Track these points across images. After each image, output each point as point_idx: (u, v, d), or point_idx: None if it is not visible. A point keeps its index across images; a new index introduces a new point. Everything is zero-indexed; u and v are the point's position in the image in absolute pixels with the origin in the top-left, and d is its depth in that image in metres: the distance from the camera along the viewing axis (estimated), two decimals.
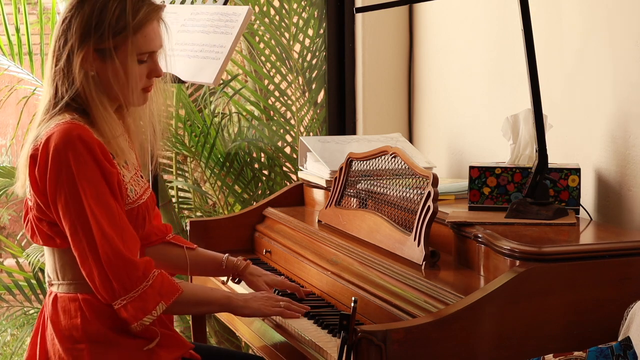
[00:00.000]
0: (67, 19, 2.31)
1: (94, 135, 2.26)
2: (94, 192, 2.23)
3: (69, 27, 2.30)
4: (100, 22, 2.28)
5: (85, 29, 2.29)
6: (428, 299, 2.25)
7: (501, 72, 3.21)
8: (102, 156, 2.25)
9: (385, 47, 3.93)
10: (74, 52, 2.29)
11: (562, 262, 2.17)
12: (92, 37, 2.28)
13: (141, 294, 2.23)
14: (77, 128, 2.24)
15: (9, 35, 4.54)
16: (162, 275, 2.28)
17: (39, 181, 2.26)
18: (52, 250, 2.35)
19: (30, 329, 4.35)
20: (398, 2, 2.72)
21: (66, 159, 2.22)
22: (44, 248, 2.40)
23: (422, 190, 2.52)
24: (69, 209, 2.23)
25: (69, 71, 2.30)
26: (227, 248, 3.28)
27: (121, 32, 2.29)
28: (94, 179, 2.23)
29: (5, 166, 4.49)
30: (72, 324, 2.30)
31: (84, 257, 2.24)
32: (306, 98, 4.27)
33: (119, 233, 2.24)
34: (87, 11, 2.29)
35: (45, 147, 2.24)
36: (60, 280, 2.35)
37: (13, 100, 4.90)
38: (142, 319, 2.24)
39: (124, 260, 2.22)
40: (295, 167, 4.20)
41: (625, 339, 2.00)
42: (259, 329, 2.66)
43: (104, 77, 2.31)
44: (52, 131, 2.25)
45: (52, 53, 2.33)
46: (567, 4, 2.84)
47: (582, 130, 2.78)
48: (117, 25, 2.29)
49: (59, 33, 2.31)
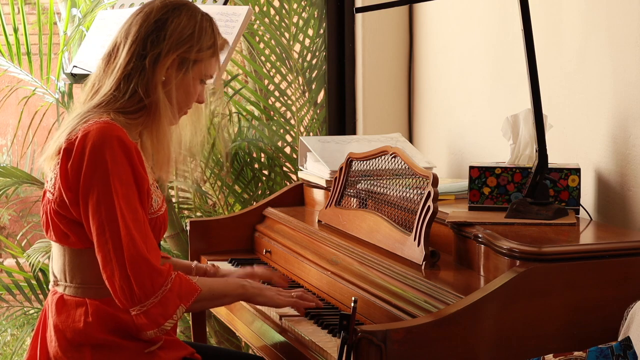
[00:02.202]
0: (161, 20, 2.31)
1: (129, 138, 2.25)
2: (126, 195, 2.22)
3: (163, 28, 2.31)
4: (194, 33, 2.32)
5: (181, 36, 2.31)
6: (428, 299, 2.25)
7: (501, 72, 3.21)
8: (137, 160, 2.25)
9: (385, 47, 3.93)
10: (162, 53, 2.30)
11: (562, 262, 2.17)
12: (183, 45, 2.31)
13: (161, 299, 2.20)
14: (115, 129, 2.24)
15: (7, 36, 4.54)
16: (180, 277, 2.26)
17: (71, 176, 2.24)
18: (64, 250, 2.33)
19: (31, 329, 4.35)
20: (398, 2, 2.72)
21: (103, 157, 2.21)
22: (52, 246, 2.37)
23: (422, 190, 2.52)
24: (100, 209, 2.21)
25: (149, 70, 2.29)
26: (227, 248, 3.28)
27: (207, 49, 2.34)
28: (127, 182, 2.23)
29: (5, 166, 4.48)
30: (74, 328, 2.28)
31: (107, 260, 2.20)
32: (306, 98, 4.27)
33: (144, 239, 2.22)
34: (183, 19, 2.33)
35: (81, 143, 2.22)
36: (67, 282, 2.33)
37: (13, 100, 4.90)
38: (163, 324, 2.22)
39: (149, 266, 2.20)
40: (295, 167, 4.20)
41: (625, 339, 2.00)
42: (259, 329, 2.66)
43: (173, 85, 2.32)
44: (90, 128, 2.23)
45: (131, 47, 2.31)
46: (567, 4, 2.84)
47: (582, 130, 2.78)
48: (208, 41, 2.34)
49: (148, 31, 2.31)
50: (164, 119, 2.32)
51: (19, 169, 4.51)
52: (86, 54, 3.34)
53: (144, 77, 2.29)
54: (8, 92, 4.61)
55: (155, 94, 2.30)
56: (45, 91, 4.51)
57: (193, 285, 2.28)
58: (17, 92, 4.82)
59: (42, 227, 2.37)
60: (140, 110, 2.31)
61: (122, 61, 2.31)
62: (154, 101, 2.30)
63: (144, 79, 2.29)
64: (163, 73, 2.31)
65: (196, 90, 2.37)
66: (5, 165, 4.51)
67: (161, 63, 2.30)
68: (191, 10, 2.35)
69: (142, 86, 2.29)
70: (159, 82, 2.30)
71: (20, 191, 4.65)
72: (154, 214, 2.35)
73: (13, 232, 5.89)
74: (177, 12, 2.33)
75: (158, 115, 2.31)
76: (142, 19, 2.33)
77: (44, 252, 4.24)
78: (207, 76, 2.38)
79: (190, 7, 2.36)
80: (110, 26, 3.37)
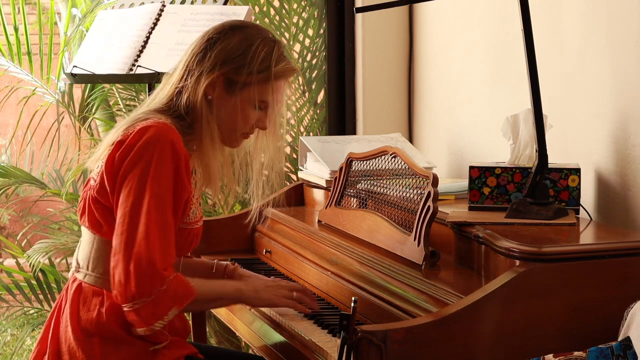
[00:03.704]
0: (212, 39, 2.34)
1: (183, 146, 2.26)
2: (159, 197, 2.21)
3: (211, 47, 2.34)
4: (243, 55, 2.33)
5: (227, 56, 2.33)
6: (428, 299, 2.25)
7: (501, 72, 3.21)
8: (184, 169, 2.25)
9: (385, 47, 3.93)
10: (205, 71, 2.32)
11: (562, 262, 2.17)
12: (229, 65, 2.33)
13: (155, 299, 2.19)
14: (172, 132, 2.25)
15: (8, 36, 4.54)
16: (178, 279, 2.24)
17: (117, 162, 2.25)
18: (93, 238, 2.33)
19: (31, 329, 4.35)
20: (398, 2, 2.72)
21: (151, 154, 2.21)
22: (83, 233, 2.37)
23: (422, 190, 2.52)
24: (128, 199, 2.21)
25: (191, 87, 2.32)
26: (227, 248, 3.28)
27: (259, 73, 2.34)
28: (165, 185, 2.23)
29: (5, 166, 4.48)
30: (87, 317, 2.29)
31: (117, 249, 2.21)
32: (306, 98, 4.27)
33: (162, 245, 2.20)
34: (235, 40, 2.34)
35: (136, 136, 2.24)
36: (89, 270, 2.33)
37: (13, 100, 4.90)
38: (153, 324, 2.21)
39: (153, 270, 2.18)
40: (295, 167, 4.20)
41: (625, 339, 2.00)
42: (259, 329, 2.66)
43: (218, 105, 2.34)
44: (149, 125, 2.25)
45: (185, 63, 2.36)
46: (567, 4, 2.84)
47: (582, 130, 2.78)
48: (259, 65, 2.34)
49: (199, 49, 2.35)
50: (205, 135, 2.33)
51: (18, 169, 4.51)
52: (86, 54, 3.34)
53: (187, 93, 2.33)
54: (8, 92, 4.61)
55: (196, 109, 2.32)
56: (45, 91, 4.51)
57: (189, 289, 2.26)
58: (17, 92, 4.82)
59: (78, 212, 2.38)
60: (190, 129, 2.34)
61: (175, 78, 2.37)
62: (196, 117, 2.33)
63: (187, 95, 2.33)
64: (207, 91, 2.32)
65: (247, 114, 2.36)
66: (5, 165, 4.51)
67: (203, 80, 2.31)
68: (248, 33, 2.36)
69: (185, 103, 2.33)
70: (201, 99, 2.32)
71: (20, 191, 4.65)
72: (189, 225, 2.36)
73: (13, 232, 5.89)
74: (231, 33, 2.35)
75: (199, 132, 2.33)
76: (199, 38, 2.38)
77: (44, 253, 4.25)
78: (261, 102, 2.37)
79: (249, 31, 2.37)
80: (110, 26, 3.38)
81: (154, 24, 3.26)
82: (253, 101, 2.36)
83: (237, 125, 2.37)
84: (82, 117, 4.47)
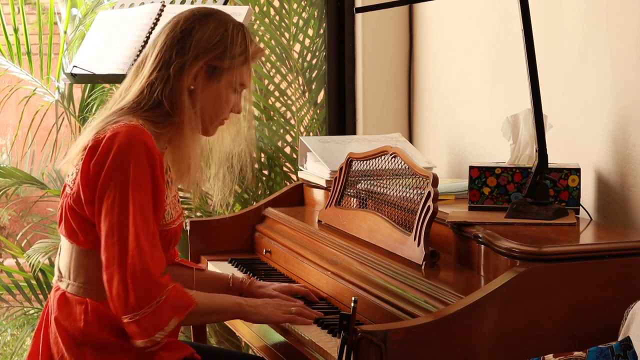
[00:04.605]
0: (187, 29, 2.31)
1: (157, 147, 2.25)
2: (141, 203, 2.20)
3: (189, 36, 2.31)
4: (223, 40, 2.32)
5: (208, 44, 2.31)
6: (428, 299, 2.25)
7: (501, 72, 3.21)
8: (159, 171, 2.24)
9: (385, 47, 3.93)
10: (188, 62, 2.29)
11: (562, 262, 2.17)
12: (212, 52, 2.31)
13: (154, 310, 2.19)
14: (144, 134, 2.23)
15: (8, 36, 4.55)
16: (176, 289, 2.24)
17: (92, 174, 2.23)
18: (71, 247, 2.32)
19: (31, 329, 4.35)
20: (398, 2, 2.72)
21: (127, 161, 2.20)
22: (61, 241, 2.37)
23: (422, 190, 2.52)
24: (113, 211, 2.20)
25: (173, 78, 2.29)
26: (227, 248, 3.28)
27: (239, 56, 2.33)
28: (145, 190, 2.21)
29: (6, 166, 4.48)
30: (75, 327, 2.28)
31: (110, 262, 2.19)
32: (306, 98, 4.27)
33: (151, 250, 2.20)
34: (211, 27, 2.32)
35: (108, 142, 2.22)
36: (71, 280, 2.33)
37: (13, 100, 4.91)
38: (153, 335, 2.20)
39: (149, 277, 2.18)
40: (295, 167, 4.20)
41: (625, 339, 2.00)
42: (259, 329, 2.66)
43: (201, 94, 2.32)
44: (119, 129, 2.22)
45: (157, 57, 2.31)
46: (567, 4, 2.84)
47: (582, 130, 2.78)
48: (238, 48, 2.33)
49: (174, 41, 2.31)
50: (186, 127, 2.30)
51: (19, 169, 4.51)
52: (86, 54, 3.34)
53: (168, 85, 2.29)
54: (8, 92, 4.61)
55: (180, 102, 2.30)
56: (45, 91, 4.51)
57: (189, 299, 2.26)
58: (17, 92, 4.82)
59: (57, 219, 2.37)
60: (167, 119, 2.31)
61: (147, 70, 2.32)
62: (178, 109, 2.30)
63: (168, 88, 2.29)
64: (190, 81, 2.30)
65: (229, 99, 2.36)
66: (5, 165, 4.51)
67: (187, 71, 2.29)
68: (220, 18, 2.35)
69: (166, 95, 2.29)
70: (185, 91, 2.30)
71: (20, 191, 4.65)
72: (165, 227, 2.35)
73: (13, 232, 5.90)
74: (205, 21, 2.33)
75: (181, 124, 2.30)
76: (169, 29, 2.33)
77: (44, 253, 4.25)
78: (240, 85, 2.37)
79: (219, 16, 2.35)
80: (110, 26, 3.38)
81: (154, 24, 3.26)
82: (234, 85, 2.35)
83: (219, 112, 2.36)
84: (82, 117, 4.47)
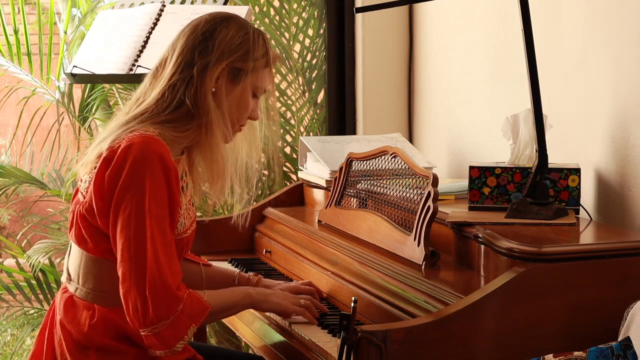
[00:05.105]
0: (209, 31, 2.29)
1: (172, 158, 2.22)
2: (158, 216, 2.18)
3: (211, 38, 2.28)
4: (245, 43, 2.30)
5: (230, 45, 2.28)
6: (428, 299, 2.25)
7: (501, 72, 3.21)
8: (174, 182, 2.21)
9: (385, 47, 3.93)
10: (211, 62, 2.27)
11: (562, 262, 2.17)
12: (235, 53, 2.29)
13: (173, 321, 2.17)
14: (159, 146, 2.19)
15: (8, 36, 4.54)
16: (191, 297, 2.22)
17: (107, 186, 2.20)
18: (81, 253, 2.31)
19: (31, 329, 4.35)
20: (398, 2, 2.72)
21: (142, 174, 2.17)
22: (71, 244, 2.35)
23: (422, 190, 2.52)
24: (130, 225, 2.17)
25: (197, 79, 2.26)
26: (227, 248, 3.28)
27: (261, 58, 2.32)
28: (162, 203, 2.19)
29: (5, 166, 4.48)
30: (79, 330, 2.28)
31: (127, 276, 2.17)
32: (306, 98, 4.27)
33: (169, 263, 2.18)
34: (232, 29, 2.30)
35: (123, 154, 2.18)
36: (80, 284, 2.31)
37: (13, 100, 4.90)
38: (174, 345, 2.19)
39: (168, 291, 2.17)
40: (295, 167, 4.20)
41: (625, 339, 2.00)
42: (259, 329, 2.66)
43: (224, 97, 2.29)
44: (134, 140, 2.19)
45: (178, 59, 2.28)
46: (567, 4, 2.84)
47: (582, 130, 2.78)
48: (260, 51, 2.31)
49: (195, 43, 2.28)
50: (217, 131, 2.28)
51: (18, 169, 4.51)
52: (86, 54, 3.34)
53: (191, 86, 2.26)
54: (8, 92, 4.61)
55: (205, 104, 2.26)
56: (45, 91, 4.51)
57: (203, 304, 2.25)
58: (17, 92, 4.82)
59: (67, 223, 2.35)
60: (189, 122, 2.27)
61: (168, 73, 2.28)
62: (205, 112, 2.26)
63: (191, 89, 2.26)
64: (212, 83, 2.27)
65: (248, 103, 2.33)
66: (5, 165, 4.51)
67: (210, 72, 2.27)
68: (241, 22, 2.34)
69: (189, 96, 2.25)
70: (209, 93, 2.27)
71: (20, 191, 4.65)
72: (179, 236, 2.33)
73: (13, 232, 5.89)
74: (226, 23, 2.31)
75: (210, 127, 2.27)
76: (189, 32, 2.31)
77: (44, 253, 4.25)
78: (260, 89, 2.35)
79: (240, 20, 2.34)
80: (110, 26, 3.38)
81: (154, 24, 3.26)
82: (254, 88, 2.33)
83: (240, 116, 2.34)
84: (82, 117, 4.47)
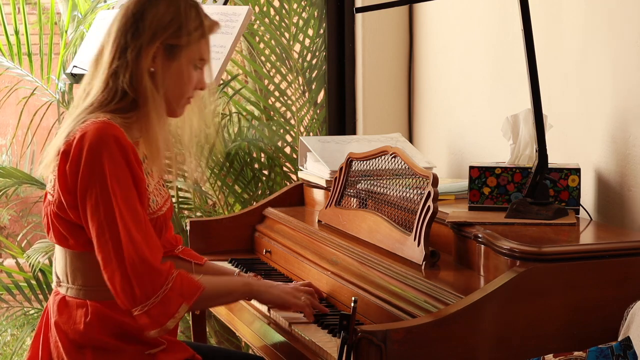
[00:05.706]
0: (138, 12, 2.28)
1: (127, 138, 2.23)
2: (124, 195, 2.20)
3: (142, 19, 2.27)
4: (176, 18, 2.28)
5: (161, 24, 2.27)
6: (428, 299, 2.25)
7: (501, 72, 3.21)
8: (134, 160, 2.22)
9: (385, 47, 3.93)
10: (144, 44, 2.26)
11: (562, 262, 2.17)
12: (167, 31, 2.27)
13: (162, 298, 2.19)
14: (112, 128, 2.21)
15: (8, 36, 4.55)
16: (181, 276, 2.24)
17: (69, 179, 2.22)
18: (65, 252, 2.32)
19: (31, 329, 4.35)
20: (398, 2, 2.72)
21: (100, 158, 2.19)
22: (55, 247, 2.37)
23: (422, 190, 2.52)
24: (98, 210, 2.19)
25: (132, 64, 2.26)
26: (227, 248, 3.28)
27: (195, 31, 2.30)
28: (125, 182, 2.20)
29: (5, 166, 4.48)
30: (75, 329, 2.28)
31: (107, 260, 2.19)
32: (306, 98, 4.27)
33: (145, 239, 2.20)
34: (162, 6, 2.28)
35: (78, 145, 2.21)
36: (69, 283, 2.32)
37: (13, 100, 4.90)
38: (165, 323, 2.20)
39: (149, 267, 2.18)
40: (295, 167, 4.20)
41: (625, 339, 2.00)
42: (259, 329, 2.66)
43: (163, 75, 2.29)
44: (87, 128, 2.21)
45: (113, 46, 2.28)
46: (567, 4, 2.84)
47: (582, 130, 2.78)
48: (193, 23, 2.29)
49: (127, 26, 2.28)
50: (151, 110, 2.27)
51: (18, 169, 4.51)
52: (86, 54, 3.34)
53: (128, 71, 2.26)
54: (8, 92, 4.61)
55: (142, 86, 2.26)
56: (45, 91, 4.52)
57: (195, 283, 2.26)
58: (17, 92, 4.82)
59: (44, 228, 2.36)
60: (134, 109, 2.28)
61: (107, 60, 2.28)
62: (141, 94, 2.27)
63: (128, 74, 2.26)
64: (149, 63, 2.27)
65: (191, 76, 2.32)
66: (5, 165, 4.51)
67: (144, 53, 2.26)
68: None
69: (127, 83, 2.26)
70: (145, 74, 2.26)
71: (20, 191, 4.65)
72: (153, 214, 2.34)
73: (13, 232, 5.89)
74: (155, 2, 2.29)
75: (146, 108, 2.27)
76: (121, 16, 2.30)
77: (44, 253, 4.24)
78: (200, 60, 2.33)
79: None
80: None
81: None
82: (194, 61, 2.31)
83: (183, 91, 2.33)
84: None
